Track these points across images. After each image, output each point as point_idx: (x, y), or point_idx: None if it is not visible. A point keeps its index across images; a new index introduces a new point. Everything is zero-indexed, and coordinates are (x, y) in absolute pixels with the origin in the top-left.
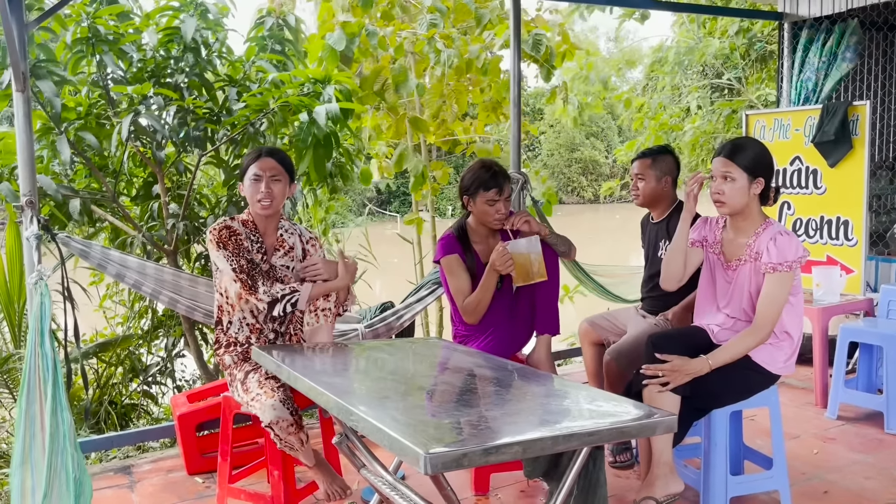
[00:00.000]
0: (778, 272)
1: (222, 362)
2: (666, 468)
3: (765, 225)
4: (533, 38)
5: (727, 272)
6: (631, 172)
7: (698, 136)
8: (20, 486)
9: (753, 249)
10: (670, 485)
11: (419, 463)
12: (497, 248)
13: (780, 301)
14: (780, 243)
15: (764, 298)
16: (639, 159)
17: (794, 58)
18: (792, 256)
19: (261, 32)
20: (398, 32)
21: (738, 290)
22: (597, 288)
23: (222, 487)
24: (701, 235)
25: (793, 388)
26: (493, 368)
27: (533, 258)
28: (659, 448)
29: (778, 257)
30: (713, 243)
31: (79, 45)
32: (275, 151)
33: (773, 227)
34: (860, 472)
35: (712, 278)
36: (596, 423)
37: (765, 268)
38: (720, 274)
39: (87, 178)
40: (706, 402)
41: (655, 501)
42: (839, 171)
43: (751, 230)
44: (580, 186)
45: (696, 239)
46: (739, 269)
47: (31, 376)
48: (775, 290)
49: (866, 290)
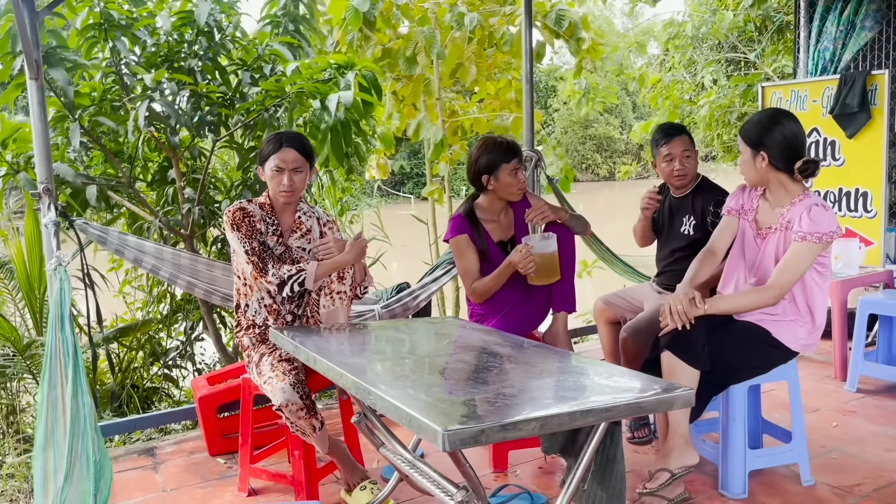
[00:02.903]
0: (806, 241)
1: (241, 344)
2: (682, 440)
3: (802, 196)
4: (556, 13)
5: (757, 240)
6: (670, 151)
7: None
8: (42, 469)
9: (786, 218)
10: (686, 457)
11: (438, 440)
12: (518, 248)
13: (798, 269)
14: (814, 214)
15: (783, 263)
16: (678, 137)
17: (811, 27)
18: (824, 229)
19: (274, 8)
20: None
21: (767, 259)
22: (625, 268)
23: (244, 468)
24: (738, 203)
25: (812, 361)
26: (509, 346)
27: (551, 259)
28: (676, 420)
29: (809, 227)
30: (749, 210)
31: (91, 30)
32: (295, 139)
33: (810, 199)
34: (880, 444)
35: (742, 247)
36: (613, 398)
37: (795, 236)
38: (750, 242)
39: (103, 164)
40: (724, 377)
41: (670, 473)
42: (858, 141)
43: (786, 200)
44: (595, 164)
45: (732, 207)
46: (769, 237)
47: (52, 361)
48: (797, 258)
49: (886, 261)
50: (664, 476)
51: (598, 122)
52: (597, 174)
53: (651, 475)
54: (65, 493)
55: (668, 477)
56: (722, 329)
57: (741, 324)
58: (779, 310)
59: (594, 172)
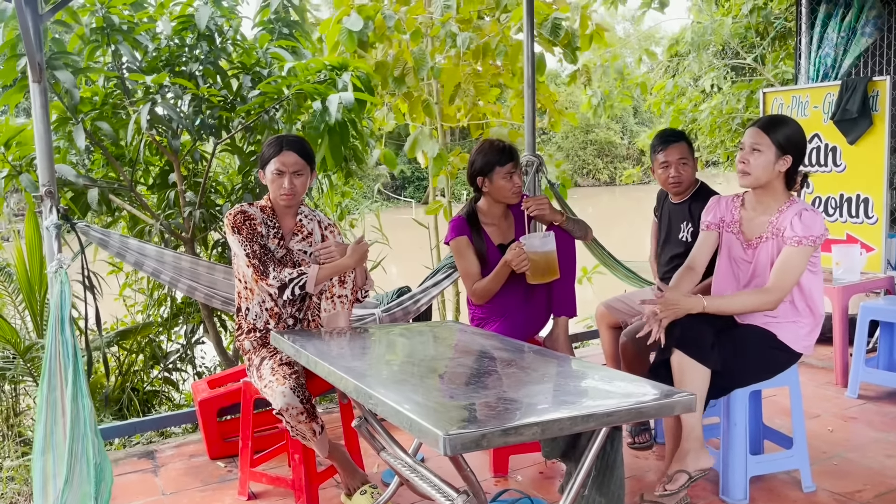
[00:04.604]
0: (802, 245)
1: (242, 347)
2: (697, 443)
3: (789, 203)
4: (552, 22)
5: (747, 251)
6: (666, 158)
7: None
8: (42, 472)
9: (775, 226)
10: (701, 459)
11: (439, 444)
12: (513, 247)
13: (796, 272)
14: (805, 218)
15: (782, 265)
16: (676, 144)
17: (812, 34)
18: (817, 232)
19: (266, 15)
20: (414, 16)
21: (761, 268)
22: (626, 273)
23: (244, 471)
24: (716, 217)
25: (813, 367)
26: (510, 350)
27: (547, 257)
28: (690, 423)
29: (803, 231)
30: (731, 223)
31: (94, 34)
32: (296, 143)
33: (798, 205)
34: (881, 450)
35: (730, 259)
36: (614, 403)
37: (789, 241)
38: (739, 253)
39: (105, 167)
40: (729, 381)
41: (688, 475)
42: (859, 147)
43: (774, 207)
44: (595, 169)
45: (710, 221)
46: (760, 247)
47: (52, 363)
48: (794, 262)
49: (887, 267)
50: (683, 478)
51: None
52: (598, 179)
53: (670, 477)
54: (65, 496)
55: (686, 479)
56: (727, 333)
57: (746, 328)
58: (779, 312)
59: (595, 177)
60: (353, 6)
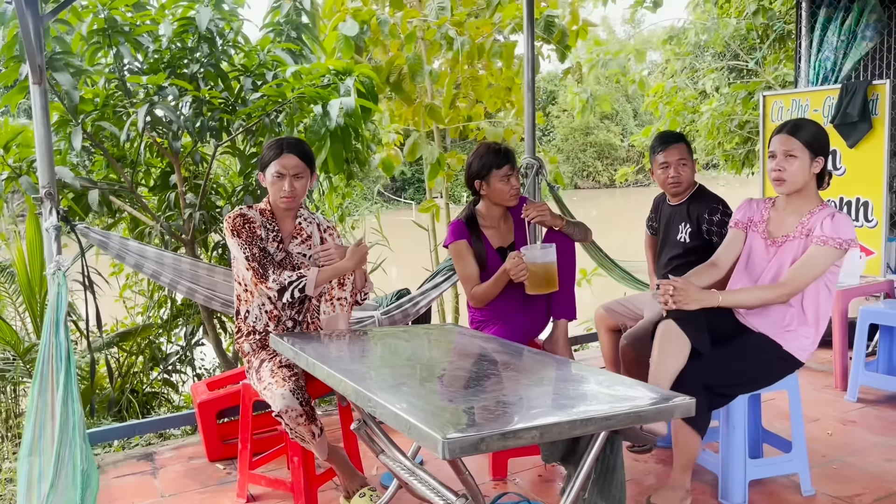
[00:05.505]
0: (828, 246)
1: (241, 350)
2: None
3: (822, 206)
4: (545, 19)
5: (769, 248)
6: (665, 159)
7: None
8: (27, 475)
9: (806, 226)
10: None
11: (437, 448)
12: (512, 256)
13: (815, 271)
14: (837, 220)
15: (802, 262)
16: (675, 145)
17: (813, 37)
18: (846, 235)
19: (277, 16)
20: (408, 20)
21: (778, 265)
22: (623, 274)
23: (243, 474)
24: (746, 216)
25: (812, 371)
26: (509, 353)
27: (547, 269)
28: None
29: (832, 232)
30: (758, 222)
31: (95, 36)
32: (296, 145)
33: (830, 209)
34: (880, 454)
35: (748, 259)
36: (613, 407)
37: (816, 240)
38: (759, 251)
39: (106, 169)
40: (733, 388)
41: None
42: (858, 151)
43: (806, 209)
44: (595, 171)
45: (739, 220)
46: (785, 245)
47: (45, 366)
48: (815, 260)
49: (886, 271)
50: None
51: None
52: (598, 181)
53: None
54: (50, 500)
55: None
56: (732, 341)
57: (752, 336)
58: (789, 320)
59: (595, 180)
60: (349, 11)
